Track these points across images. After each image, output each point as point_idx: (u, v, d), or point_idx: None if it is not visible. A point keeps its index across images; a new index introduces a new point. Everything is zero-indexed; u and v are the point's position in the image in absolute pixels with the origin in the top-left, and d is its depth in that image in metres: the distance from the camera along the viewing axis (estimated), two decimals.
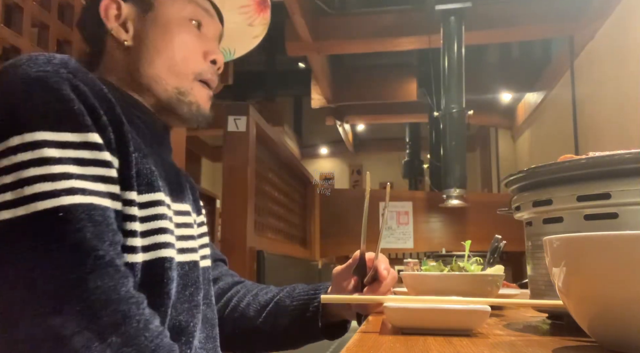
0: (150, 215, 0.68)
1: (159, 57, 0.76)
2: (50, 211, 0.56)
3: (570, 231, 0.51)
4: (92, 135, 0.60)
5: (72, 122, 0.60)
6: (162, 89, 0.77)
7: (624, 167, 0.61)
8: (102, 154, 0.61)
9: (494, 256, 1.15)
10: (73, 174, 0.58)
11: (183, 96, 0.78)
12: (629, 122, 2.99)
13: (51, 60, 0.62)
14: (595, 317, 0.47)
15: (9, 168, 0.57)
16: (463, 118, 3.87)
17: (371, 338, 0.61)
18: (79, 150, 0.59)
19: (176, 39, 0.78)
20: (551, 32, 4.19)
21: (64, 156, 0.58)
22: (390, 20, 4.37)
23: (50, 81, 0.60)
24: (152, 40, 0.77)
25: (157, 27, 0.77)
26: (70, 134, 0.59)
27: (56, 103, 0.59)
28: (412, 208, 4.48)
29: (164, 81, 0.76)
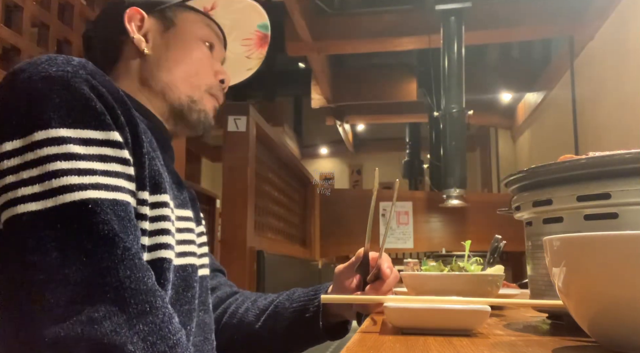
0: (157, 216, 0.69)
1: (177, 67, 0.82)
2: (78, 203, 0.57)
3: (570, 231, 0.51)
4: (114, 134, 0.63)
5: (95, 120, 0.61)
6: (176, 96, 0.81)
7: (624, 167, 0.61)
8: (122, 153, 0.63)
9: (494, 256, 1.15)
10: (97, 170, 0.60)
11: (194, 104, 0.83)
12: (629, 122, 2.99)
13: (70, 61, 0.64)
14: (595, 317, 0.47)
15: (36, 161, 0.58)
16: (463, 118, 3.87)
17: (371, 338, 0.61)
18: (102, 147, 0.61)
19: (193, 54, 0.84)
20: (551, 32, 4.19)
21: (88, 153, 0.60)
22: (390, 20, 4.37)
23: (71, 81, 0.61)
24: (171, 52, 0.82)
25: (176, 42, 0.83)
26: (93, 131, 0.61)
27: (78, 102, 0.61)
28: (412, 208, 4.48)
29: (179, 89, 0.82)
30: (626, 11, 3.06)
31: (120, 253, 0.57)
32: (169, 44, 0.83)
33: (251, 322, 0.93)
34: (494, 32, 4.24)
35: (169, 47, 0.82)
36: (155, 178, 0.70)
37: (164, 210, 0.70)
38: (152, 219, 0.68)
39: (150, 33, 0.83)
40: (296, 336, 0.91)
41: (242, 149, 2.56)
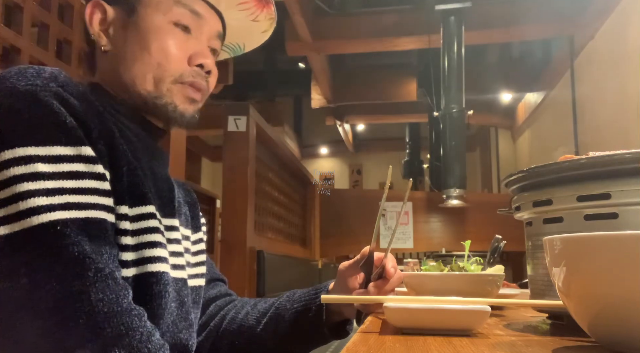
0: (141, 228, 0.67)
1: (135, 62, 0.75)
2: (46, 225, 0.55)
3: (570, 231, 0.51)
4: (86, 149, 0.60)
5: (65, 136, 0.59)
6: (138, 93, 0.75)
7: (624, 167, 0.61)
8: (96, 168, 0.61)
9: (494, 256, 1.15)
10: (68, 188, 0.58)
11: (158, 100, 0.76)
12: (629, 122, 2.99)
13: (41, 73, 0.62)
14: (595, 317, 0.47)
15: (3, 182, 0.56)
16: (463, 118, 3.87)
17: (371, 338, 0.61)
18: (74, 164, 0.59)
19: (153, 45, 0.75)
20: (551, 32, 4.19)
21: (57, 171, 0.58)
22: (390, 20, 4.37)
23: (40, 95, 0.59)
24: (130, 45, 0.76)
25: (136, 33, 0.76)
26: (63, 147, 0.59)
27: (47, 117, 0.58)
28: (412, 208, 4.48)
29: (140, 86, 0.75)
30: (626, 11, 3.06)
31: (92, 275, 0.55)
32: (127, 37, 0.76)
33: (252, 325, 0.90)
34: (494, 32, 4.24)
35: (126, 40, 0.76)
36: (137, 189, 0.67)
37: (149, 222, 0.68)
38: (136, 232, 0.66)
39: (111, 27, 0.77)
40: (299, 336, 0.89)
41: (242, 149, 2.56)
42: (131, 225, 0.66)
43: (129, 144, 0.70)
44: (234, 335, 0.90)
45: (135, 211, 0.66)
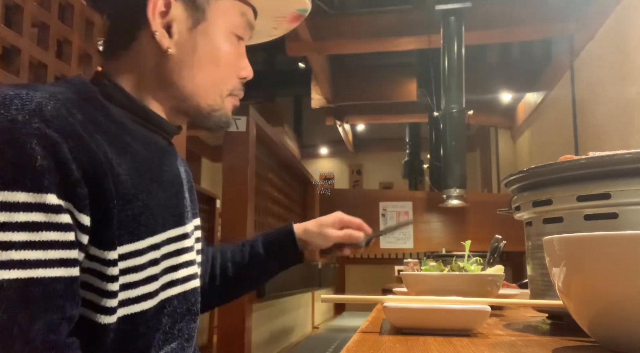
0: (134, 266, 0.64)
1: (202, 73, 0.73)
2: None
3: (570, 231, 0.51)
4: (49, 196, 0.54)
5: (29, 181, 0.54)
6: (195, 105, 0.74)
7: (624, 167, 0.61)
8: (57, 217, 0.55)
9: (494, 256, 1.15)
10: (16, 242, 0.52)
11: (215, 112, 0.76)
12: (629, 122, 2.99)
13: (25, 105, 0.56)
14: (595, 317, 0.47)
15: None
16: (463, 118, 3.87)
17: (371, 338, 0.61)
18: (32, 213, 0.54)
19: (222, 58, 0.74)
20: (551, 32, 4.19)
21: (9, 221, 0.52)
22: (390, 20, 4.37)
23: (16, 134, 0.54)
24: (198, 55, 0.72)
25: (205, 42, 0.72)
26: (24, 194, 0.53)
27: (16, 159, 0.53)
28: (412, 208, 4.48)
29: (200, 98, 0.74)
30: (626, 11, 3.06)
31: (20, 348, 0.51)
32: (196, 44, 0.72)
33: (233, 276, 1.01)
34: (494, 32, 4.24)
35: (195, 48, 0.72)
36: (134, 222, 0.64)
37: (150, 255, 0.66)
38: (132, 269, 0.63)
39: (175, 25, 0.70)
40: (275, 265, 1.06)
41: (242, 149, 2.55)
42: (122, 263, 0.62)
43: (134, 157, 0.66)
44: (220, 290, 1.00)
45: (127, 248, 0.63)
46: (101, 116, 0.64)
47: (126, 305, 0.64)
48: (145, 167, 0.68)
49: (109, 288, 0.61)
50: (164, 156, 0.74)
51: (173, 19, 0.70)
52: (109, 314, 0.61)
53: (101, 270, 0.60)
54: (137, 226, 0.64)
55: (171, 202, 0.73)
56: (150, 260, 0.67)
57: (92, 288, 0.61)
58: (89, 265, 0.60)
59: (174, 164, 0.77)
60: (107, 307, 0.61)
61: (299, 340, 4.03)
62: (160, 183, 0.70)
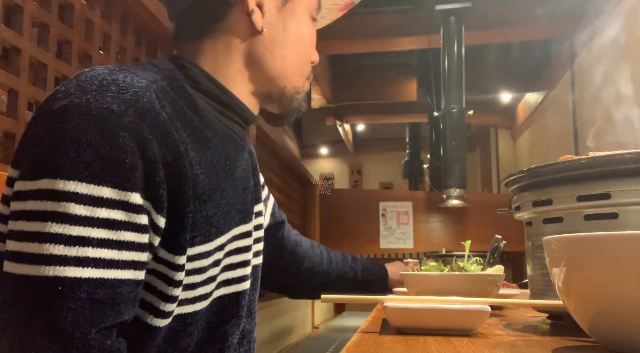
0: (198, 268, 0.63)
1: (291, 53, 0.72)
2: (50, 280, 0.49)
3: (570, 231, 0.51)
4: (133, 195, 0.53)
5: (116, 177, 0.52)
6: (283, 85, 0.73)
7: (624, 167, 0.61)
8: (138, 218, 0.54)
9: (494, 256, 1.15)
10: (93, 239, 0.51)
11: (298, 94, 0.76)
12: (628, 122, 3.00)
13: (122, 93, 0.54)
14: (595, 317, 0.47)
15: (31, 214, 0.51)
16: (463, 118, 3.87)
17: (371, 338, 0.61)
18: (113, 210, 0.52)
19: (307, 37, 0.75)
20: (551, 32, 4.19)
21: (91, 215, 0.51)
22: (390, 20, 4.37)
23: (111, 125, 0.52)
24: (287, 34, 0.72)
25: (292, 21, 0.72)
26: (109, 189, 0.52)
27: (106, 152, 0.52)
28: (412, 208, 4.48)
29: (288, 79, 0.73)
30: (626, 11, 3.06)
31: (78, 350, 0.50)
32: (285, 23, 0.71)
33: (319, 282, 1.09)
34: (494, 32, 4.24)
35: (285, 27, 0.71)
36: (206, 227, 0.62)
37: (207, 260, 0.64)
38: (195, 271, 0.62)
39: (265, 5, 0.69)
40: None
41: None
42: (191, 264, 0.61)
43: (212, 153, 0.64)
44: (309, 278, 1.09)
45: (197, 250, 0.62)
46: (187, 107, 0.63)
47: (182, 305, 0.62)
48: (222, 163, 0.66)
49: (172, 292, 0.59)
50: (239, 149, 0.72)
51: (265, 1, 0.70)
52: (165, 318, 0.60)
53: (167, 274, 0.59)
54: (209, 228, 0.63)
55: (240, 199, 0.71)
56: (215, 260, 0.66)
57: (154, 291, 0.59)
58: (155, 267, 0.59)
59: (246, 156, 0.76)
60: (165, 311, 0.59)
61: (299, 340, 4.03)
62: (233, 180, 0.69)
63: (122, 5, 1.97)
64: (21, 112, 1.41)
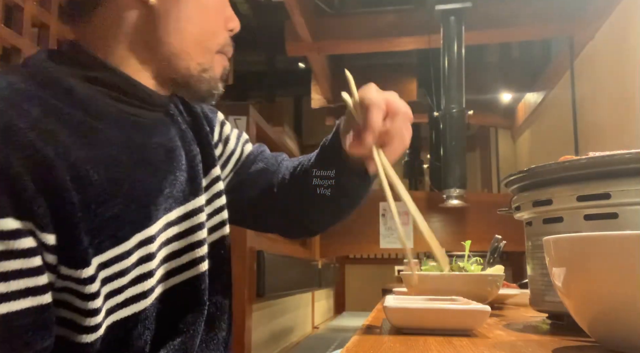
0: (120, 271, 0.58)
1: (189, 25, 0.64)
2: None
3: (570, 231, 0.51)
4: (6, 221, 0.48)
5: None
6: (185, 65, 0.65)
7: (624, 167, 0.61)
8: (17, 243, 0.49)
9: (494, 256, 1.15)
10: None
11: (205, 73, 0.67)
12: (629, 122, 2.99)
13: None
14: (595, 317, 0.47)
15: None
16: (463, 118, 3.87)
17: (371, 338, 0.61)
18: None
19: (210, 5, 0.66)
20: (551, 32, 4.19)
21: None
22: (390, 20, 4.37)
23: None
24: (184, 5, 0.63)
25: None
26: None
27: None
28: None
29: (189, 56, 0.65)
30: (626, 11, 3.06)
31: None
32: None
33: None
34: (494, 32, 4.23)
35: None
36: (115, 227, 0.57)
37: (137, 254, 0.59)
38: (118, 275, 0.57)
39: None
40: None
41: None
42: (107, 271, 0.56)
43: (109, 151, 0.58)
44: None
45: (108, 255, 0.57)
46: (62, 102, 0.56)
47: (114, 311, 0.58)
48: (124, 153, 0.59)
49: (90, 306, 0.54)
50: (150, 131, 0.64)
51: None
52: (93, 332, 0.55)
53: (77, 289, 0.54)
54: (119, 227, 0.57)
55: (168, 182, 0.64)
56: (141, 257, 0.60)
57: (71, 307, 0.55)
58: (64, 284, 0.54)
59: (169, 136, 0.67)
60: (89, 326, 0.55)
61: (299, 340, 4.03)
62: (148, 166, 0.62)
63: None
64: None
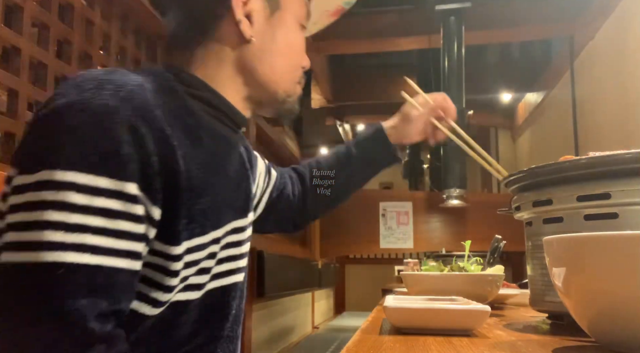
0: (193, 260, 0.66)
1: (280, 60, 0.76)
2: (50, 266, 0.50)
3: (570, 231, 0.51)
4: (129, 185, 0.55)
5: (113, 167, 0.54)
6: (274, 90, 0.76)
7: (624, 167, 0.61)
8: (133, 208, 0.56)
9: (494, 256, 1.15)
10: (91, 227, 0.53)
11: (289, 97, 0.79)
12: (629, 122, 2.99)
13: (119, 91, 0.57)
14: (595, 317, 0.47)
15: (29, 205, 0.52)
16: (463, 118, 3.87)
17: (371, 338, 0.61)
18: (110, 199, 0.54)
19: (296, 44, 0.78)
20: (551, 32, 4.18)
21: (89, 205, 0.53)
22: (390, 20, 4.37)
23: (108, 119, 0.55)
24: (276, 42, 0.75)
25: (281, 30, 0.75)
26: (106, 179, 0.54)
27: (103, 143, 0.54)
28: (412, 208, 4.48)
29: (278, 84, 0.77)
30: (626, 11, 3.06)
31: (78, 337, 0.51)
32: (274, 31, 0.74)
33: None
34: (494, 32, 4.23)
35: (274, 36, 0.74)
36: (203, 218, 0.65)
37: (210, 249, 0.68)
38: (191, 263, 0.65)
39: (254, 15, 0.72)
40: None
41: None
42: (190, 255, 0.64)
43: (205, 151, 0.67)
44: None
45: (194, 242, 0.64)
46: (180, 108, 0.65)
47: (176, 294, 0.64)
48: (214, 161, 0.69)
49: (169, 282, 0.62)
50: (232, 148, 0.75)
51: (252, 9, 0.72)
52: (159, 307, 0.62)
53: (164, 265, 0.61)
54: (204, 221, 0.65)
55: (236, 194, 0.75)
56: (210, 253, 0.68)
57: (150, 282, 0.61)
58: (151, 260, 0.61)
59: (240, 155, 0.78)
60: (160, 301, 0.62)
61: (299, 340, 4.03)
62: (226, 177, 0.72)
63: (122, 5, 1.97)
64: (21, 112, 1.41)
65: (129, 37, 2.07)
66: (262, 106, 0.80)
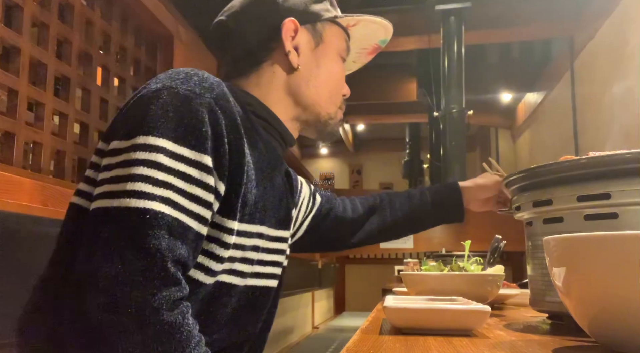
0: (241, 244, 0.74)
1: (324, 85, 0.87)
2: (140, 210, 0.59)
3: (570, 231, 0.51)
4: (206, 158, 0.65)
5: (194, 141, 0.64)
6: (318, 112, 0.87)
7: (624, 167, 0.61)
8: (207, 178, 0.65)
9: (494, 256, 1.15)
10: (175, 186, 0.62)
11: (331, 120, 0.90)
12: (629, 122, 2.99)
13: (202, 82, 0.69)
14: (595, 317, 0.47)
15: (126, 162, 0.62)
16: (463, 118, 3.87)
17: (371, 338, 0.61)
18: (190, 167, 0.64)
19: (336, 73, 0.89)
20: (551, 32, 4.18)
21: (173, 167, 0.62)
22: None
23: (192, 101, 0.66)
24: (320, 70, 0.86)
25: (324, 60, 0.87)
26: (187, 150, 0.64)
27: (189, 121, 0.64)
28: None
29: (322, 107, 0.87)
30: (626, 11, 3.06)
31: (158, 271, 0.58)
32: (318, 61, 0.86)
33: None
34: (494, 32, 4.23)
35: (318, 64, 0.86)
36: (251, 207, 0.73)
37: (251, 240, 0.75)
38: (236, 246, 0.72)
39: (301, 46, 0.85)
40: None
41: None
42: (238, 238, 0.72)
43: (258, 156, 0.76)
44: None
45: (242, 227, 0.73)
46: (240, 111, 0.75)
47: (223, 273, 0.73)
48: (265, 166, 0.78)
49: (221, 253, 0.70)
50: (280, 164, 0.85)
51: (300, 42, 0.84)
52: (210, 276, 0.70)
53: (219, 237, 0.69)
54: (254, 211, 0.75)
55: (278, 205, 0.83)
56: (254, 245, 0.76)
57: (206, 253, 0.69)
58: (209, 233, 0.69)
59: (282, 172, 0.87)
60: (212, 269, 0.69)
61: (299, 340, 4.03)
62: (273, 187, 0.81)
63: (122, 5, 1.96)
64: (21, 112, 1.41)
65: (128, 37, 2.07)
66: (308, 126, 0.90)
